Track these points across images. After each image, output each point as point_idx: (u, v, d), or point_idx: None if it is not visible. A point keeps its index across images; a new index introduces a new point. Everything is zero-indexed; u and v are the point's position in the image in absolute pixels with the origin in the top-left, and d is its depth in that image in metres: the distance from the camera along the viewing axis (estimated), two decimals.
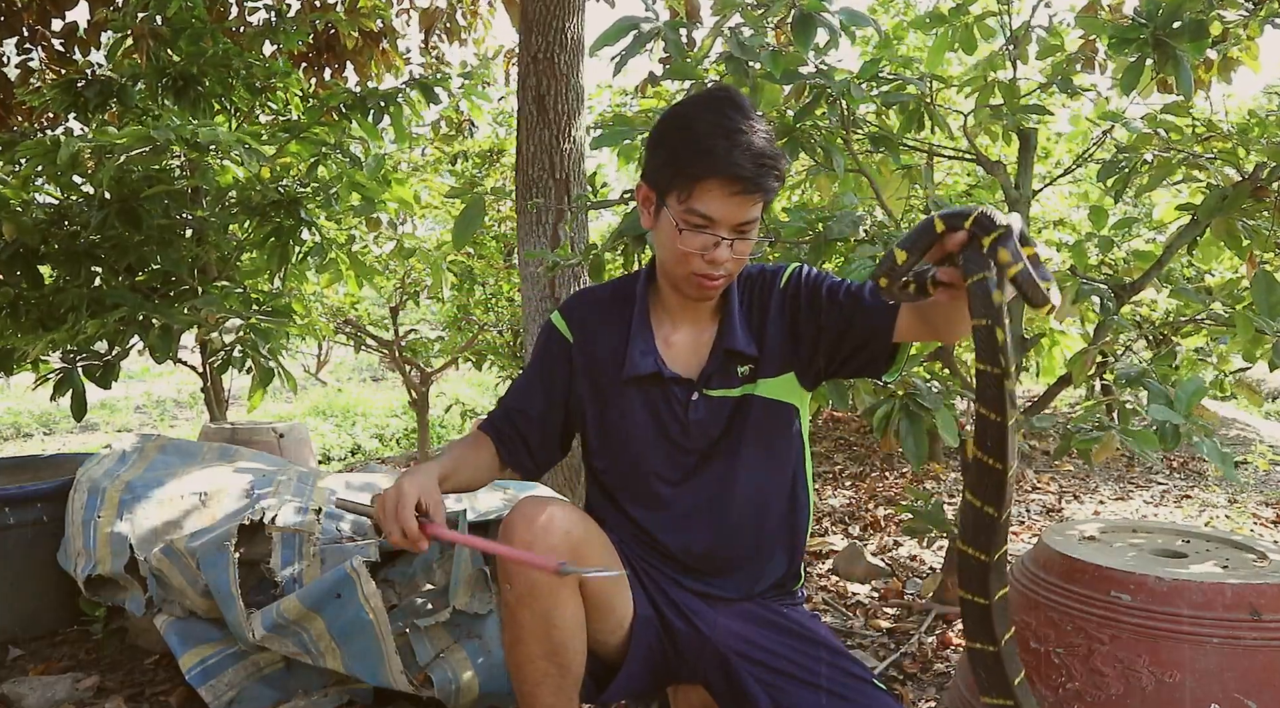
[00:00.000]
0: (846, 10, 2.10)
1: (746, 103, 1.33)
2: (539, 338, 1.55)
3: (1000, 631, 1.00)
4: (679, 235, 1.32)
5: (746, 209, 1.31)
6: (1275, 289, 1.97)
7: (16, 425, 7.95)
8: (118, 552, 2.14)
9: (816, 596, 2.75)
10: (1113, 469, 4.87)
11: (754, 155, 1.27)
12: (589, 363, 1.49)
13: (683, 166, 1.30)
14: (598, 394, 1.48)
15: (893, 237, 1.95)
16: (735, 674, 1.41)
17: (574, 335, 1.50)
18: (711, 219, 1.30)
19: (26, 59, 4.59)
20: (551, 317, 1.54)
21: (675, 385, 1.45)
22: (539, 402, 1.51)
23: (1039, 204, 4.57)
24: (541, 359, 1.53)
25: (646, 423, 1.45)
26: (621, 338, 1.47)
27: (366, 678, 1.85)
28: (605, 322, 1.49)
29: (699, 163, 1.28)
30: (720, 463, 1.46)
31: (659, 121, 1.38)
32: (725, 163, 1.27)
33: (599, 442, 1.50)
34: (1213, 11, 1.94)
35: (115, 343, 3.28)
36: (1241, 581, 1.39)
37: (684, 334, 1.47)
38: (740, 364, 1.46)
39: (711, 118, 1.29)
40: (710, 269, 1.34)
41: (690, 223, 1.31)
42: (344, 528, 2.18)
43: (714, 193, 1.29)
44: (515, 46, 5.94)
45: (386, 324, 5.70)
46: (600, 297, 1.53)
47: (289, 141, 3.43)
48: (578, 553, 1.30)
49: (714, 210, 1.30)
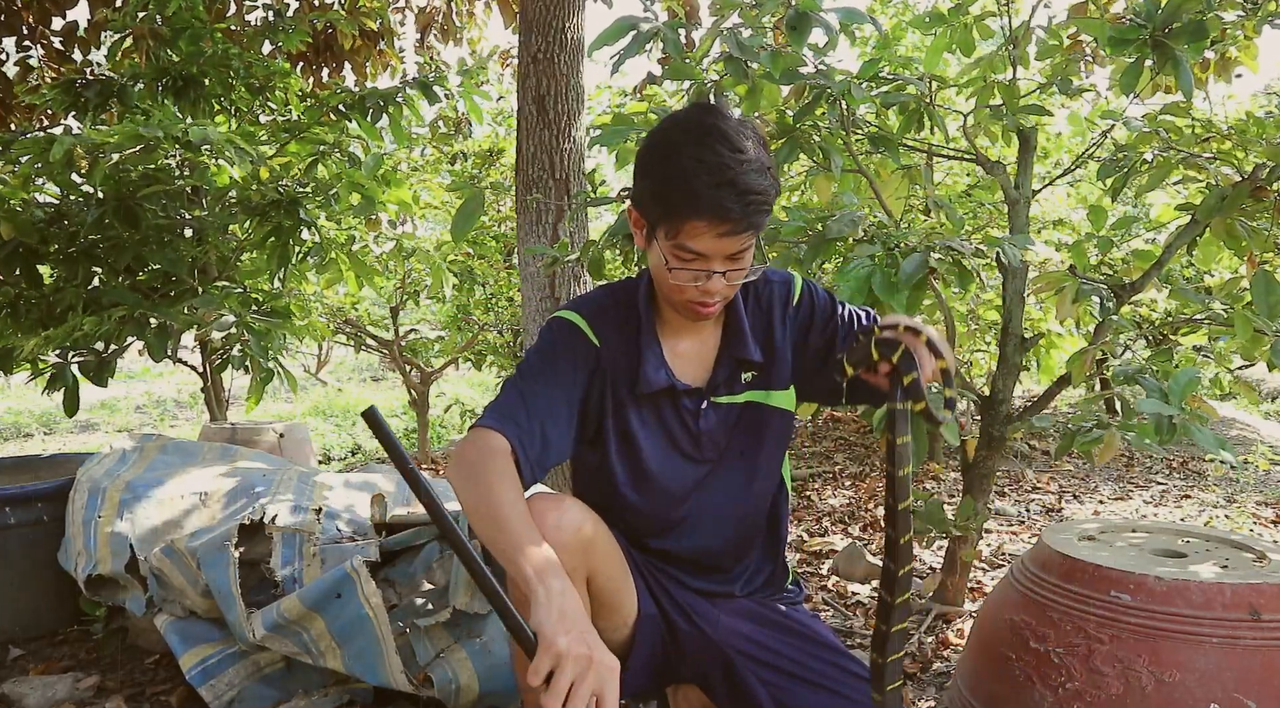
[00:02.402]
0: (845, 9, 2.09)
1: (735, 128, 1.25)
2: (556, 338, 1.43)
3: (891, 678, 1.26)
4: (669, 267, 1.29)
5: (737, 244, 1.27)
6: (1275, 289, 1.97)
7: (17, 425, 7.94)
8: (118, 552, 2.14)
9: (816, 596, 2.75)
10: (1113, 469, 4.87)
11: (740, 194, 1.22)
12: (612, 370, 1.43)
13: (669, 207, 1.25)
14: (616, 406, 1.44)
15: (892, 237, 1.95)
16: (737, 673, 1.41)
17: (599, 339, 1.43)
18: (702, 255, 1.27)
19: (26, 57, 4.59)
20: (568, 317, 1.44)
21: (686, 397, 1.44)
22: (562, 410, 1.38)
23: (1039, 204, 4.56)
24: (566, 361, 1.41)
25: (657, 436, 1.45)
26: (631, 351, 1.43)
27: (367, 678, 1.85)
28: (619, 333, 1.44)
29: (685, 205, 1.23)
30: (728, 471, 1.48)
31: (644, 147, 1.32)
32: (711, 205, 1.22)
33: (620, 458, 1.45)
34: (1211, 12, 1.94)
35: (113, 342, 3.28)
36: (1241, 581, 1.39)
37: (688, 344, 1.46)
38: (745, 370, 1.46)
39: (696, 152, 1.23)
40: (704, 298, 1.33)
41: (680, 258, 1.28)
42: (344, 528, 2.18)
43: (702, 232, 1.25)
44: (510, 47, 5.96)
45: (386, 324, 5.70)
46: (606, 305, 1.46)
47: (289, 141, 3.43)
48: (588, 550, 1.30)
49: (703, 247, 1.26)
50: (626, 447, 1.44)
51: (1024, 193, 2.36)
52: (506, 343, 6.11)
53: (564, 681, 1.01)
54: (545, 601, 1.08)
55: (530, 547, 1.15)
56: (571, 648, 1.03)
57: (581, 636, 1.05)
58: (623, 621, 1.42)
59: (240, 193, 3.49)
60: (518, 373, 1.41)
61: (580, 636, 1.05)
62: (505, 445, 1.28)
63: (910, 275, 1.81)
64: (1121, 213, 3.81)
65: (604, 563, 1.34)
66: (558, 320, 1.45)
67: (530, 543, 1.15)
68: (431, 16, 5.14)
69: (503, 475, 1.24)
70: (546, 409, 1.35)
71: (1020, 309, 2.35)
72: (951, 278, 1.87)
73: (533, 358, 1.42)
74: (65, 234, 3.28)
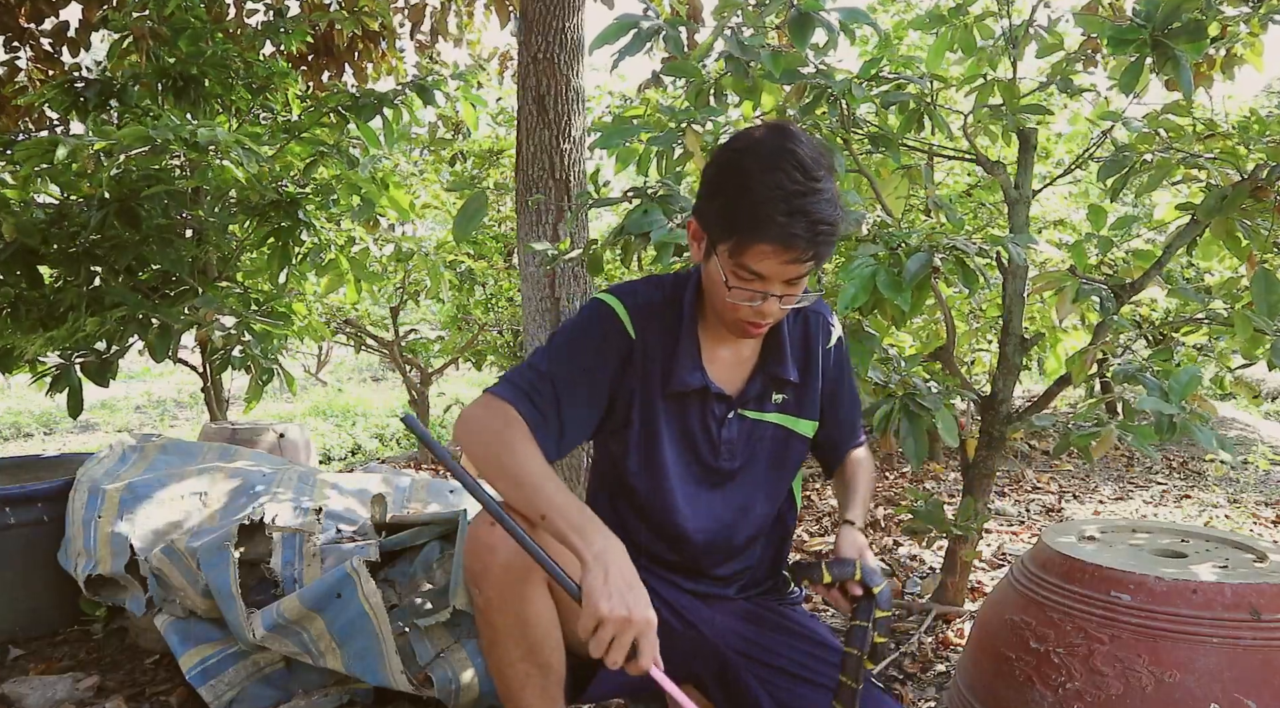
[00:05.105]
0: (846, 9, 2.09)
1: (810, 155, 1.24)
2: (588, 320, 1.41)
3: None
4: (727, 289, 1.30)
5: (799, 270, 1.27)
6: (1275, 288, 1.97)
7: (17, 425, 7.94)
8: (118, 552, 2.14)
9: (816, 595, 2.75)
10: (1112, 469, 4.87)
11: (812, 224, 1.21)
12: (645, 366, 1.42)
13: (737, 227, 1.25)
14: (645, 400, 1.43)
15: (895, 236, 1.95)
16: (735, 673, 1.41)
17: (636, 331, 1.42)
18: (762, 276, 1.28)
19: (14, 58, 4.56)
20: (608, 301, 1.42)
21: (716, 402, 1.44)
22: (583, 394, 1.37)
23: (1039, 204, 4.56)
24: (595, 347, 1.40)
25: (678, 438, 1.45)
26: (669, 347, 1.42)
27: (367, 678, 1.85)
28: (659, 328, 1.43)
29: (755, 230, 1.23)
30: (742, 486, 1.48)
31: (716, 163, 1.31)
32: (780, 232, 1.21)
33: (637, 448, 1.45)
34: (1211, 11, 1.94)
35: (114, 342, 3.28)
36: (1241, 581, 1.39)
37: (726, 352, 1.47)
38: (777, 391, 1.47)
39: (772, 179, 1.22)
40: (757, 318, 1.33)
41: (740, 277, 1.29)
42: (344, 528, 2.18)
43: (767, 256, 1.25)
44: (509, 48, 5.96)
45: (386, 324, 5.70)
46: (654, 299, 1.44)
47: (289, 142, 3.43)
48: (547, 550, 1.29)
49: (766, 270, 1.27)
50: (647, 440, 1.44)
51: (1024, 193, 2.36)
52: (506, 343, 6.11)
53: (605, 635, 1.13)
54: (593, 562, 1.16)
55: (567, 505, 1.21)
56: (613, 611, 1.12)
57: (623, 598, 1.14)
58: None
59: (240, 193, 3.49)
60: (545, 349, 1.39)
61: (621, 598, 1.14)
62: (521, 421, 1.29)
63: (914, 274, 1.81)
64: (1122, 213, 3.81)
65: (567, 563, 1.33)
66: (598, 304, 1.43)
67: (567, 501, 1.21)
68: (420, 12, 5.11)
69: (526, 440, 1.28)
70: (567, 393, 1.35)
71: (1020, 309, 2.35)
72: (955, 278, 1.87)
73: (561, 339, 1.41)
74: (66, 234, 3.28)
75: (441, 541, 2.15)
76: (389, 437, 7.37)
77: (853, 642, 1.35)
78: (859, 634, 1.34)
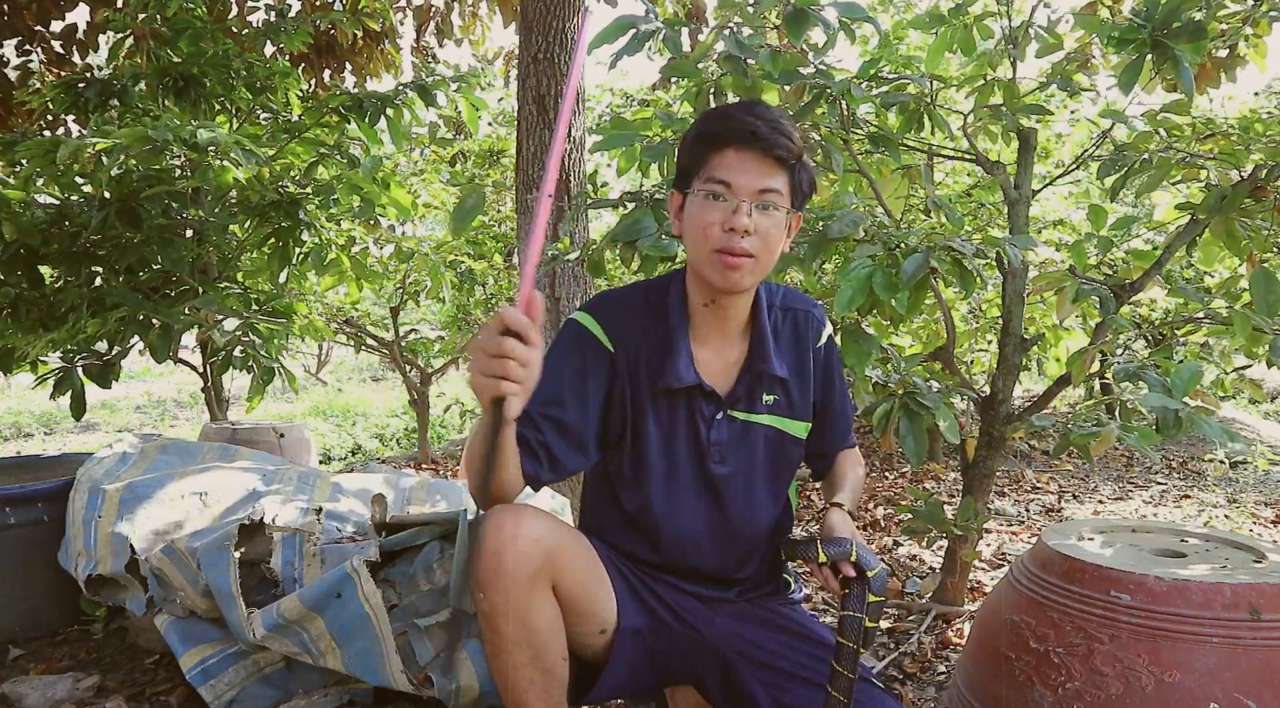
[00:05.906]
0: (844, 4, 2.09)
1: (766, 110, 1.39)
2: (566, 343, 1.44)
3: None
4: (700, 210, 1.36)
5: (765, 175, 1.34)
6: (1274, 287, 1.97)
7: (17, 425, 7.95)
8: (118, 552, 2.14)
9: (816, 596, 2.75)
10: (1112, 469, 4.88)
11: (769, 122, 1.34)
12: (631, 371, 1.43)
13: (702, 140, 1.38)
14: (635, 403, 1.44)
15: (893, 237, 1.95)
16: (736, 674, 1.41)
17: (614, 344, 1.43)
18: (729, 184, 1.34)
19: (26, 61, 4.58)
20: (579, 320, 1.46)
21: (705, 401, 1.45)
22: (572, 412, 1.39)
23: (1039, 204, 4.56)
24: (575, 367, 1.42)
25: (667, 437, 1.45)
26: (658, 348, 1.43)
27: (367, 678, 1.85)
28: (641, 331, 1.44)
29: (715, 135, 1.36)
30: (735, 490, 1.48)
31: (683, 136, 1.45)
32: (742, 130, 1.34)
33: (625, 454, 1.46)
34: (1210, 11, 1.94)
35: (115, 342, 3.28)
36: (1241, 580, 1.39)
37: (711, 353, 1.47)
38: (767, 392, 1.47)
39: (729, 108, 1.39)
40: (731, 240, 1.33)
41: (711, 192, 1.35)
42: (344, 528, 2.18)
43: (730, 158, 1.35)
44: (513, 47, 5.96)
45: (386, 324, 5.70)
46: (632, 303, 1.47)
47: (289, 142, 3.43)
48: (551, 557, 1.29)
49: (732, 174, 1.34)
50: (635, 445, 1.45)
51: (1024, 193, 2.36)
52: None
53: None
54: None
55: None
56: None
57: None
58: (599, 626, 1.41)
59: (241, 193, 3.49)
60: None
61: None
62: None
63: (911, 275, 1.81)
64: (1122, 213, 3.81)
65: (571, 569, 1.34)
66: (571, 325, 1.46)
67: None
68: (428, 14, 5.12)
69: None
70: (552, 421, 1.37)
71: (1020, 309, 2.35)
72: (952, 278, 1.87)
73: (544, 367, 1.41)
74: (67, 234, 3.28)
75: (441, 541, 2.15)
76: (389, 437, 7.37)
77: (847, 632, 1.33)
78: (853, 625, 1.34)
